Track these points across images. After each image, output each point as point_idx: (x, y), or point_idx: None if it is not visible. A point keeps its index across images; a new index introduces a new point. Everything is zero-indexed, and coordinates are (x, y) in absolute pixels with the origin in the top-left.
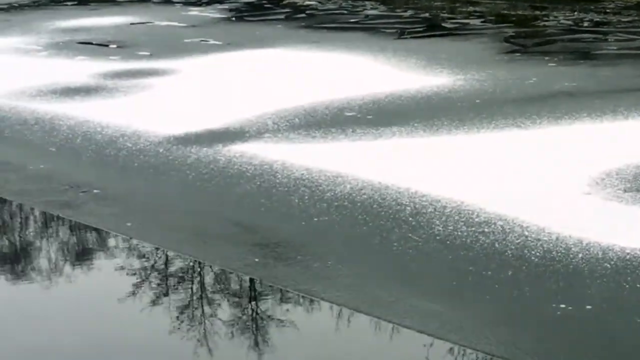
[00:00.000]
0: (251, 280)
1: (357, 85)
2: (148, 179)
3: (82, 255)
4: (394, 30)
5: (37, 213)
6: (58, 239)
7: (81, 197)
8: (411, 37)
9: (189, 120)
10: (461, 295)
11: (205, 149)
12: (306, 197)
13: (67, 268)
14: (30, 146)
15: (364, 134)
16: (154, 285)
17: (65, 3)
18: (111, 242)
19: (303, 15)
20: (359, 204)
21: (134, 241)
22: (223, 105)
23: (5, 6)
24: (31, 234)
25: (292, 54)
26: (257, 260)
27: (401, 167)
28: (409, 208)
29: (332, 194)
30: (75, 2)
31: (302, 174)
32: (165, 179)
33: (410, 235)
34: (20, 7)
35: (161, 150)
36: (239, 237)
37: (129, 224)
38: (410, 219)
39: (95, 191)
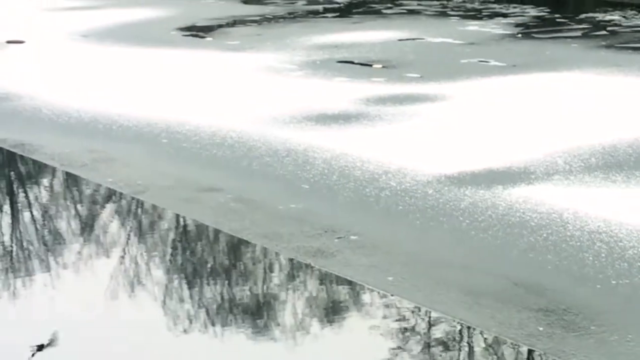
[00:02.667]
0: (530, 352)
1: None
2: (414, 225)
3: (333, 313)
4: None
5: (284, 260)
6: (307, 292)
7: (336, 243)
8: None
9: (464, 157)
10: None
11: (482, 191)
12: (603, 255)
13: (315, 326)
14: (281, 182)
15: None
16: (414, 352)
17: (324, 15)
18: (367, 298)
19: (603, 32)
20: None
21: (394, 298)
22: (504, 140)
23: (257, 18)
24: (277, 284)
25: (589, 79)
26: (541, 328)
27: None
28: None
29: (636, 251)
30: (336, 14)
31: (599, 226)
32: (434, 226)
33: None
34: (274, 19)
35: (430, 192)
36: (519, 300)
37: (390, 278)
38: None
39: (352, 237)
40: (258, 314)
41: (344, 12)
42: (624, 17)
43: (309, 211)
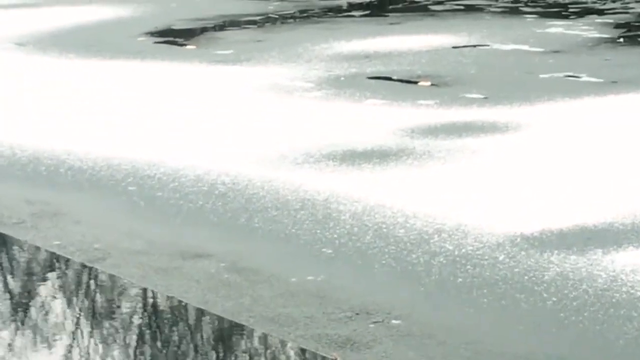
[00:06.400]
0: None
1: None
2: (480, 304)
3: None
4: None
5: (299, 353)
6: None
7: (372, 330)
8: None
9: (547, 209)
10: None
11: (573, 257)
12: None
13: None
14: (294, 244)
15: None
16: None
17: (349, 13)
18: None
19: None
20: None
21: None
22: (603, 186)
23: (257, 18)
24: None
25: None
26: None
27: None
28: None
29: None
30: (365, 12)
31: None
32: (508, 306)
33: None
34: (281, 20)
35: (501, 258)
36: None
37: None
38: None
39: (394, 322)
40: None
41: (376, 9)
42: None
43: (333, 285)
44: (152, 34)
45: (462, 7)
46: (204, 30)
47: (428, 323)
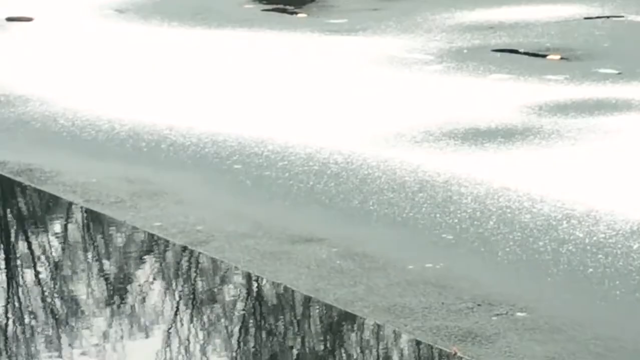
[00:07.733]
0: None
1: None
2: (612, 296)
3: None
4: None
5: (416, 346)
6: None
7: (494, 323)
8: None
9: None
10: None
11: None
12: None
13: None
14: (411, 229)
15: None
16: None
17: None
18: None
19: None
20: None
21: None
22: None
23: None
24: None
25: None
26: None
27: None
28: None
29: None
30: None
31: None
32: None
33: None
34: None
35: (635, 247)
36: None
37: None
38: None
39: (519, 314)
40: None
41: None
42: None
43: (453, 274)
44: (260, 0)
45: None
46: None
47: (555, 316)
